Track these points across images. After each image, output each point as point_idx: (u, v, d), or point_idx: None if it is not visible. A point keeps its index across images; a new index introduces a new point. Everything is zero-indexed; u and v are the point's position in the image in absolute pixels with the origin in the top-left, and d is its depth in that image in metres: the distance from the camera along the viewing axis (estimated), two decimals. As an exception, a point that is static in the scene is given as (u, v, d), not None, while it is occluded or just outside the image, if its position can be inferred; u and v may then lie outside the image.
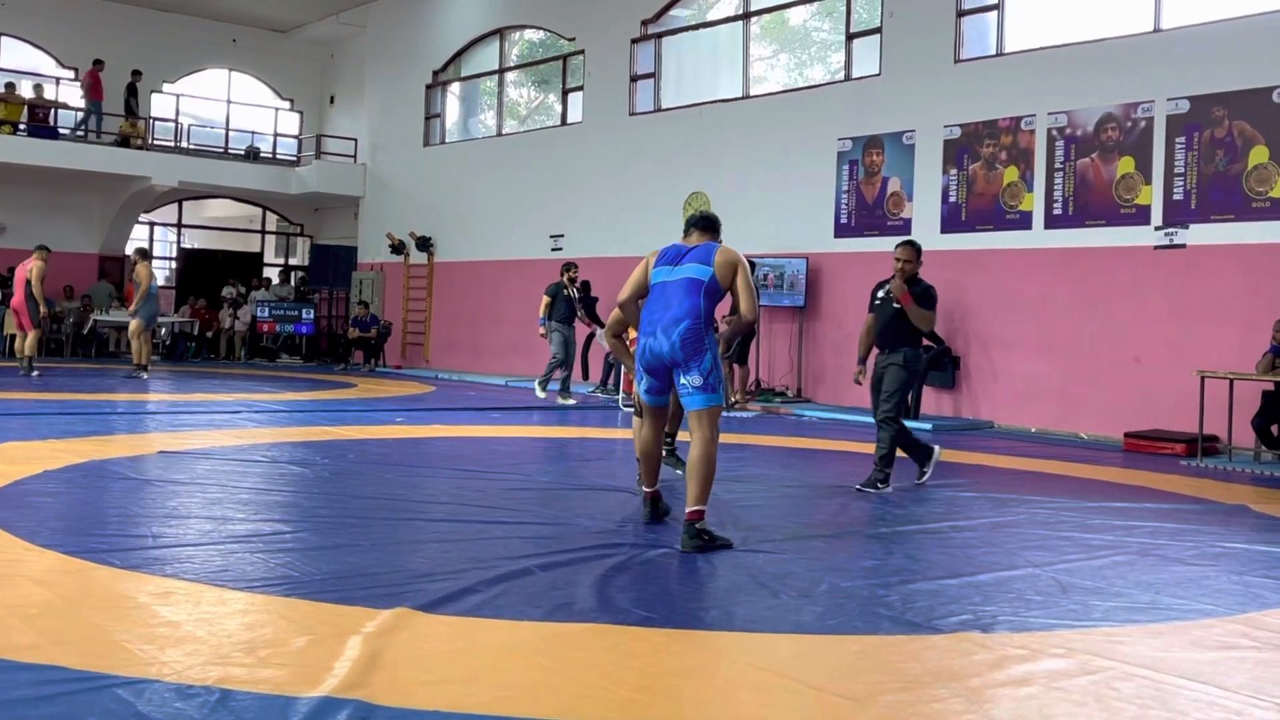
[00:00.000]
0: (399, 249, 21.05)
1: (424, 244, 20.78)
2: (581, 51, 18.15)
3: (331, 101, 24.49)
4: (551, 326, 13.93)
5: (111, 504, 6.09)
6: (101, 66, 21.03)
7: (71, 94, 21.71)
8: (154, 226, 23.99)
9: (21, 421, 9.48)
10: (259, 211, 24.80)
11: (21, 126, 20.07)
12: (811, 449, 10.09)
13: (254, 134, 23.74)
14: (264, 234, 25.21)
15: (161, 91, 22.77)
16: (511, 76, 20.77)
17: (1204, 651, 3.87)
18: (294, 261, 25.39)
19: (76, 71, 21.79)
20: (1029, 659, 3.68)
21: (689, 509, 5.29)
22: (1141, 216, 11.59)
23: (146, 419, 10.70)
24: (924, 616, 4.17)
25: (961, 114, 13.10)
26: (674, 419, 5.95)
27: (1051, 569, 5.10)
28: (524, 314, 18.60)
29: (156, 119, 22.19)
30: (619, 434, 10.84)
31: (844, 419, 12.82)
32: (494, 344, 19.42)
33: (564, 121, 18.83)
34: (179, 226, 24.40)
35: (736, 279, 5.45)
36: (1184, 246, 11.30)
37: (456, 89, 21.66)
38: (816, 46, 16.33)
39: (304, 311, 22.34)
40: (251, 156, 23.11)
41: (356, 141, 23.06)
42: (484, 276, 19.70)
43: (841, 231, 14.27)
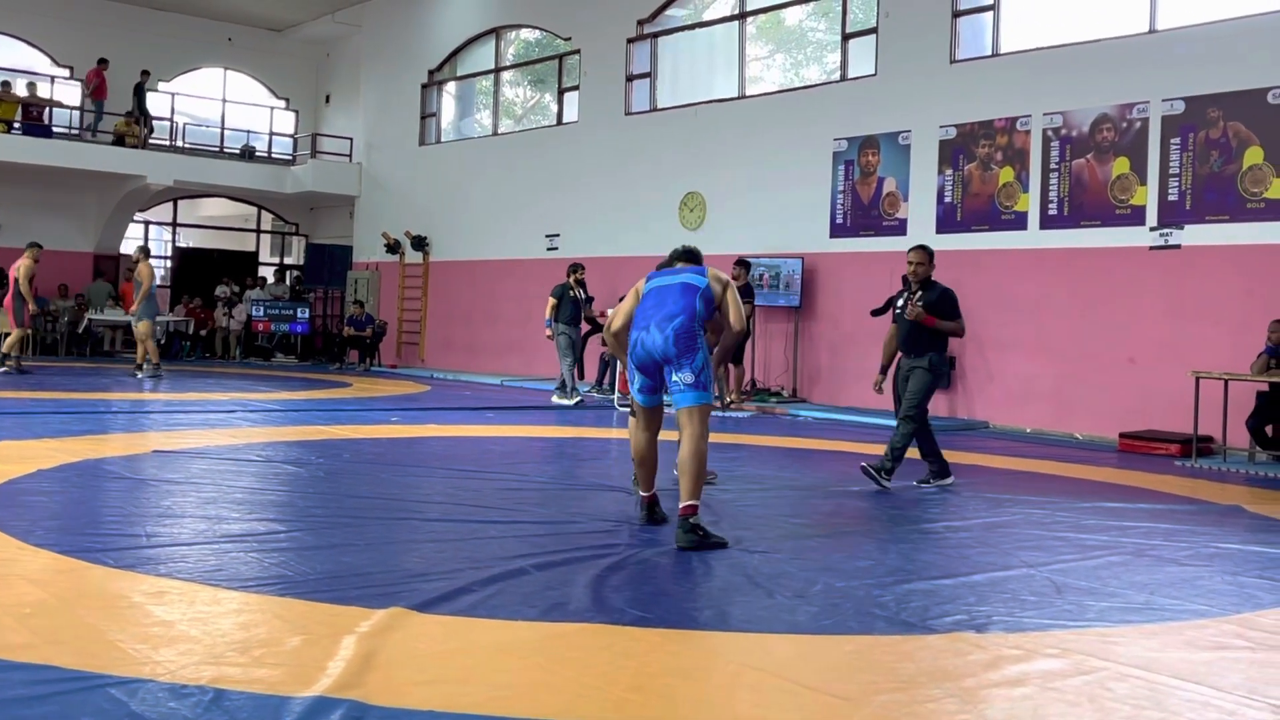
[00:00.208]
0: (394, 248, 21.02)
1: (419, 243, 20.75)
2: (577, 51, 18.14)
3: (327, 101, 24.46)
4: (559, 329, 13.87)
5: (106, 503, 6.08)
6: (106, 65, 20.99)
7: (65, 92, 21.67)
8: (149, 225, 23.95)
9: (16, 420, 9.47)
10: (254, 211, 24.77)
11: (16, 125, 20.01)
12: (807, 449, 10.09)
13: (249, 133, 23.70)
14: (259, 233, 25.18)
15: (157, 90, 22.71)
16: (507, 76, 20.75)
17: (1198, 652, 3.88)
18: (289, 261, 25.36)
19: (72, 70, 21.75)
20: (1023, 659, 3.68)
21: (682, 504, 5.35)
22: (1137, 217, 11.61)
23: (141, 418, 10.68)
24: (919, 616, 4.18)
25: (957, 114, 13.10)
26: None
27: (1046, 569, 5.11)
28: (519, 313, 18.62)
29: (156, 118, 22.14)
30: (614, 434, 10.85)
31: (839, 419, 12.83)
32: (489, 343, 19.40)
33: (560, 121, 18.81)
34: (174, 225, 24.37)
35: (726, 294, 5.68)
36: (1179, 247, 11.31)
37: (452, 88, 21.65)
38: (812, 46, 16.33)
39: (299, 311, 22.30)
40: (247, 155, 23.08)
41: (352, 141, 23.03)
42: (479, 276, 19.69)
43: (837, 232, 14.27)
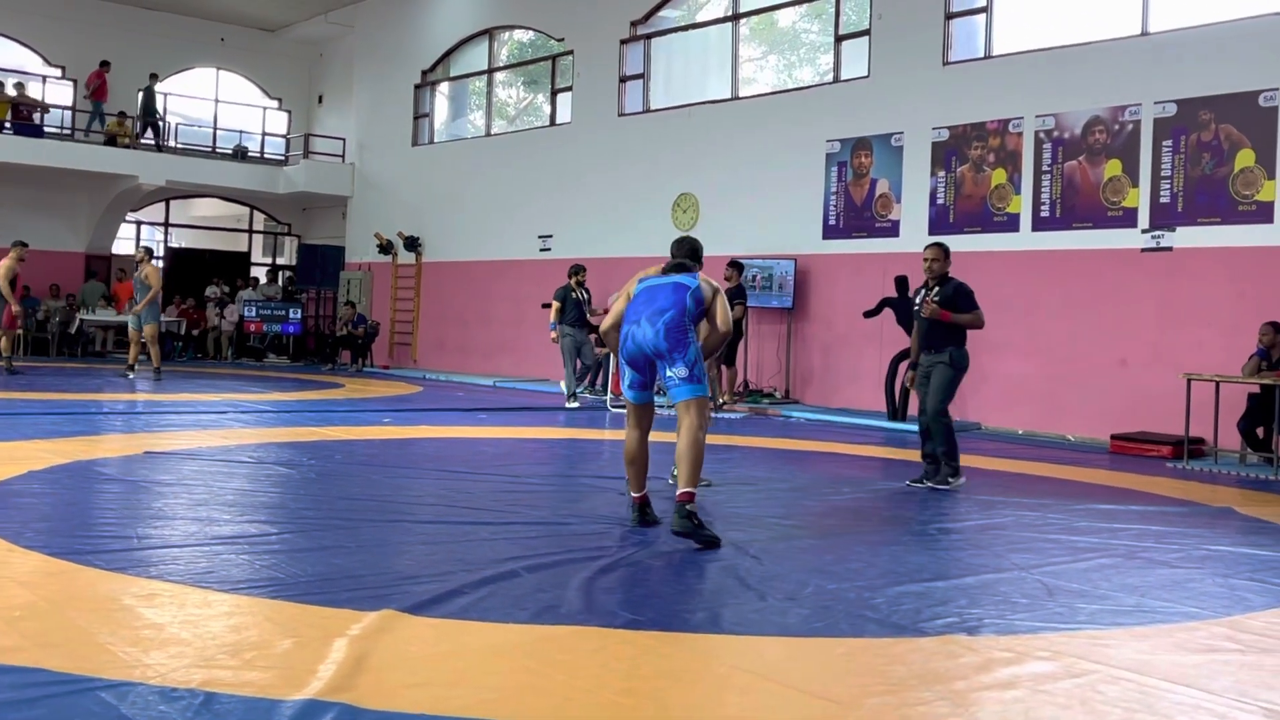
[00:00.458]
0: (387, 249, 20.99)
1: (412, 244, 20.73)
2: (570, 52, 18.13)
3: (320, 101, 24.43)
4: (563, 331, 13.87)
5: (97, 505, 6.07)
6: (108, 68, 20.94)
7: (57, 92, 21.60)
8: (141, 225, 23.90)
9: (6, 421, 9.43)
10: (246, 211, 24.73)
11: (7, 125, 19.96)
12: (799, 450, 10.10)
13: (242, 133, 23.66)
14: (251, 233, 25.13)
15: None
16: (500, 77, 20.74)
17: (1189, 654, 3.89)
18: (282, 261, 25.33)
19: (64, 70, 21.70)
20: (1014, 662, 3.69)
21: (679, 491, 5.47)
22: (1128, 219, 11.63)
23: (132, 419, 10.66)
24: (910, 619, 4.18)
25: (950, 116, 13.12)
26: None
27: (1037, 571, 5.11)
28: (512, 314, 18.61)
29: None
30: (607, 435, 10.84)
31: (832, 420, 12.84)
32: (482, 344, 19.39)
33: (553, 122, 18.81)
34: (166, 226, 24.30)
35: (715, 300, 5.78)
36: (1170, 249, 11.34)
37: (445, 89, 21.63)
38: (805, 48, 16.33)
39: (291, 311, 22.26)
40: (239, 156, 23.04)
41: (345, 141, 23.00)
42: (472, 277, 19.67)
43: (830, 233, 14.28)
